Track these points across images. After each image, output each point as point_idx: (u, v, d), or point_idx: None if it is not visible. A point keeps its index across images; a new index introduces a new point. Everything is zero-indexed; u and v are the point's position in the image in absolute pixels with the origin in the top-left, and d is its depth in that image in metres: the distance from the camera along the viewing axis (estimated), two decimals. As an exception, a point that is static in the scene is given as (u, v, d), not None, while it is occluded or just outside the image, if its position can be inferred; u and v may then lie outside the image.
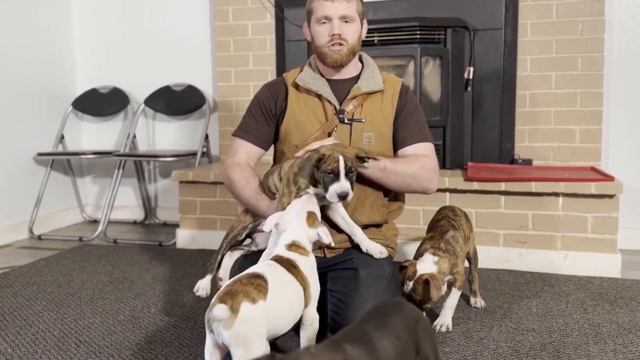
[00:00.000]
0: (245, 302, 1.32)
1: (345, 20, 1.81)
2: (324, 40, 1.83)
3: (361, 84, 1.86)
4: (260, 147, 1.95)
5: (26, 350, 1.82)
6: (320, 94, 1.85)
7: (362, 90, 1.85)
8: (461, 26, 2.95)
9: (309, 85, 1.86)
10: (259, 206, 1.80)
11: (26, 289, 2.42)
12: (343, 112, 1.83)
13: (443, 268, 1.86)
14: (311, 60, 1.95)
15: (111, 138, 3.90)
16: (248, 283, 1.38)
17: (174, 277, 2.57)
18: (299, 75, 1.90)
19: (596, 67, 2.92)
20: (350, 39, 1.82)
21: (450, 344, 1.83)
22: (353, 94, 1.84)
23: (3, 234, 3.32)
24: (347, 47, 1.82)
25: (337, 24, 1.80)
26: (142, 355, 1.77)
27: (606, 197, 2.52)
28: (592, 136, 2.96)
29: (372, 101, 1.87)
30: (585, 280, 2.46)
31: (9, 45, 3.37)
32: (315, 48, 1.87)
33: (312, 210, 1.60)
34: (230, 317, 1.29)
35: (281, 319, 1.42)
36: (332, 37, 1.80)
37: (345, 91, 1.86)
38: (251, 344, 1.31)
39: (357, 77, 1.89)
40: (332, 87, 1.87)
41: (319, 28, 1.84)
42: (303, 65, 1.96)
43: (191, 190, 3.09)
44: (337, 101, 1.85)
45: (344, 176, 1.59)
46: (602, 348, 1.78)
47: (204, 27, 3.64)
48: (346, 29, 1.81)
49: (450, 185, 2.66)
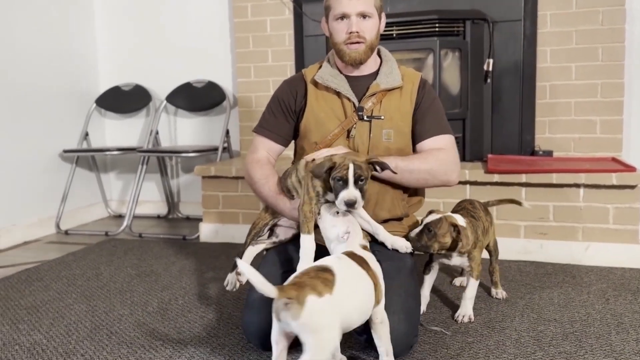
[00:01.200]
0: (312, 294, 1.34)
1: (364, 16, 1.81)
2: (342, 38, 1.83)
3: (380, 80, 1.86)
4: (280, 144, 1.97)
5: (60, 341, 1.88)
6: (339, 91, 1.86)
7: (381, 87, 1.85)
8: (480, 18, 2.96)
9: (327, 83, 1.87)
10: (278, 205, 1.82)
11: (56, 283, 2.50)
12: (362, 110, 1.83)
13: (468, 232, 1.86)
14: (329, 56, 1.95)
15: (134, 134, 3.97)
16: (315, 276, 1.40)
17: (199, 270, 2.63)
18: (318, 72, 1.91)
19: (617, 58, 2.90)
20: (369, 35, 1.83)
21: (472, 334, 1.85)
22: (372, 91, 1.85)
23: (31, 230, 3.41)
24: (366, 44, 1.82)
25: (355, 21, 1.80)
26: (172, 345, 1.82)
27: (627, 188, 2.51)
28: (613, 127, 2.94)
29: (391, 97, 1.87)
30: (607, 270, 2.47)
31: (35, 47, 3.45)
32: (334, 45, 1.88)
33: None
34: (297, 308, 1.32)
35: (353, 312, 1.45)
36: (350, 34, 1.81)
37: (364, 88, 1.86)
38: (322, 334, 1.35)
39: (376, 73, 1.90)
40: (350, 84, 1.87)
41: (337, 25, 1.84)
42: (322, 61, 1.96)
43: (213, 185, 3.14)
44: (356, 98, 1.86)
45: (352, 184, 1.56)
46: (624, 337, 1.80)
47: (223, 24, 3.69)
48: (364, 26, 1.81)
49: (471, 178, 2.68)
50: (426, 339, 1.82)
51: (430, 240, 1.81)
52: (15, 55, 3.32)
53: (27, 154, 3.39)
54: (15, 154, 3.31)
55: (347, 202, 1.56)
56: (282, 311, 1.34)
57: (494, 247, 2.15)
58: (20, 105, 3.35)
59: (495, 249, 2.16)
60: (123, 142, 3.97)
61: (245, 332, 1.72)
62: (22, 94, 3.36)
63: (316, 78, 1.89)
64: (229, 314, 2.06)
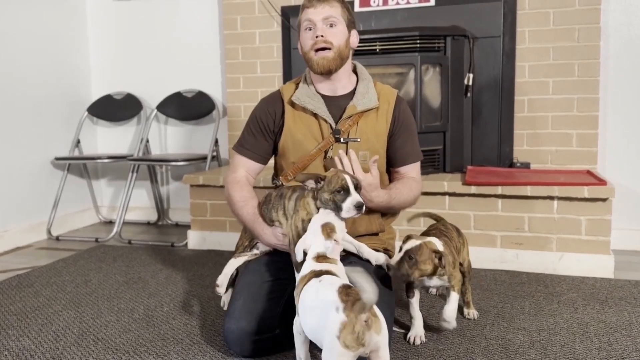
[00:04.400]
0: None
1: (330, 23, 1.84)
2: (309, 44, 1.86)
3: (356, 101, 1.90)
4: (259, 162, 2.01)
5: (48, 347, 1.95)
6: (316, 113, 1.89)
7: (358, 109, 1.89)
8: (460, 35, 3.05)
9: (304, 104, 1.90)
10: (255, 229, 1.87)
11: (46, 289, 2.57)
12: (339, 132, 1.88)
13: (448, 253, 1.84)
14: (306, 74, 1.98)
15: (125, 142, 4.05)
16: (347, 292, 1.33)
17: (185, 277, 2.71)
18: (295, 93, 1.93)
19: (592, 73, 3.00)
20: (336, 41, 1.84)
21: (443, 341, 1.93)
22: (349, 113, 1.88)
23: (23, 235, 3.48)
24: (333, 50, 1.84)
25: (320, 27, 1.84)
26: (156, 351, 1.90)
27: (599, 201, 2.61)
28: (588, 140, 3.04)
29: (367, 118, 1.91)
30: (579, 280, 2.56)
31: (27, 54, 3.53)
32: (304, 56, 1.90)
33: (326, 222, 1.61)
34: (376, 321, 1.29)
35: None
36: (316, 39, 1.84)
37: (340, 109, 1.91)
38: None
39: (352, 93, 1.94)
40: (327, 105, 1.91)
41: (305, 34, 1.88)
42: (299, 78, 2.00)
43: (201, 193, 3.22)
44: (332, 120, 1.89)
45: (354, 190, 1.62)
46: (587, 346, 1.89)
47: (213, 36, 3.77)
48: (330, 32, 1.84)
49: (449, 189, 2.77)
50: (399, 346, 1.90)
51: (411, 268, 1.79)
52: (8, 63, 3.39)
53: (19, 161, 3.47)
54: (7, 161, 3.38)
55: (357, 204, 1.60)
56: (366, 332, 1.26)
57: (467, 268, 2.10)
58: (13, 112, 3.42)
59: (469, 270, 2.12)
60: (114, 150, 4.05)
61: (226, 339, 1.79)
62: (15, 102, 3.44)
63: (293, 99, 1.92)
64: (212, 322, 2.14)
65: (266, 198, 1.88)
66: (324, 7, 1.85)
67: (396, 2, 3.21)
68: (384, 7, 3.23)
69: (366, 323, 1.26)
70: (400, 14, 3.20)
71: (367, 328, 1.27)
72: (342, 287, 1.36)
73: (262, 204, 1.89)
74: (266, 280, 1.87)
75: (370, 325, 1.26)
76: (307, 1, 1.88)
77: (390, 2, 3.22)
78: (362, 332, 1.25)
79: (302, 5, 1.91)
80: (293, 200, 1.76)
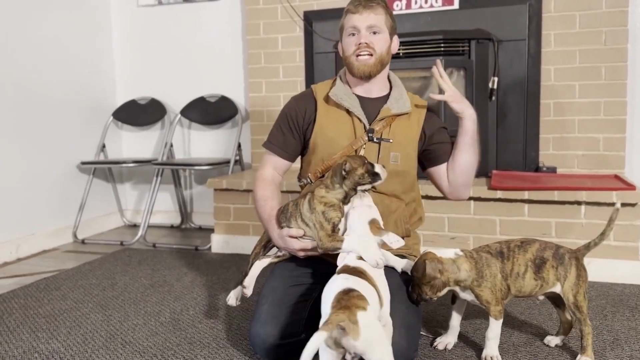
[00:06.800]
0: (359, 310, 1.36)
1: (373, 31, 1.88)
2: (352, 49, 1.89)
3: (390, 104, 1.92)
4: (287, 160, 2.03)
5: (77, 349, 1.98)
6: (351, 111, 1.92)
7: (392, 111, 1.91)
8: (485, 38, 3.03)
9: (341, 101, 1.92)
10: (268, 227, 1.90)
11: (73, 292, 2.60)
12: (373, 131, 1.90)
13: (460, 265, 1.73)
14: (341, 74, 2.01)
15: (149, 146, 4.09)
16: (348, 297, 1.41)
17: (209, 280, 2.72)
18: (332, 89, 1.95)
19: (620, 77, 2.96)
20: (378, 48, 1.88)
21: (471, 347, 1.92)
22: (383, 115, 1.91)
23: (49, 239, 3.53)
24: (375, 56, 1.88)
25: (364, 34, 1.87)
26: (183, 355, 1.91)
27: (628, 206, 2.57)
28: (615, 144, 3.00)
29: (399, 122, 1.93)
30: (607, 286, 2.52)
31: (54, 62, 3.59)
32: (345, 59, 1.93)
33: (372, 218, 1.66)
34: (354, 327, 1.32)
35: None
36: (359, 45, 1.87)
37: (375, 110, 1.93)
38: (382, 345, 1.39)
39: (386, 97, 1.96)
40: (362, 105, 1.94)
41: (348, 40, 1.91)
42: (334, 78, 2.02)
43: (225, 197, 3.24)
44: (366, 119, 1.92)
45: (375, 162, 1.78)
46: (618, 354, 1.85)
47: (236, 41, 3.80)
48: (373, 39, 1.87)
49: (475, 194, 2.75)
50: (426, 352, 1.89)
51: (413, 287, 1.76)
52: (36, 71, 3.46)
53: (46, 165, 3.52)
54: (34, 165, 3.44)
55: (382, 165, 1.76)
56: (342, 338, 1.32)
57: (573, 306, 1.77)
58: (40, 118, 3.48)
59: (576, 308, 1.76)
60: (139, 154, 4.09)
61: (252, 343, 1.80)
62: (42, 108, 3.50)
63: (330, 95, 1.94)
64: (238, 325, 2.15)
65: (284, 208, 1.87)
66: (369, 15, 1.87)
67: (419, 6, 3.21)
68: (407, 11, 3.22)
69: (343, 331, 1.32)
70: (423, 17, 3.19)
71: (344, 334, 1.32)
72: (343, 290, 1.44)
73: (279, 213, 1.88)
74: (291, 285, 1.87)
75: (348, 332, 1.31)
76: (353, 6, 1.90)
77: (414, 5, 3.21)
78: (336, 339, 1.33)
79: (347, 10, 1.92)
80: (306, 202, 1.78)
